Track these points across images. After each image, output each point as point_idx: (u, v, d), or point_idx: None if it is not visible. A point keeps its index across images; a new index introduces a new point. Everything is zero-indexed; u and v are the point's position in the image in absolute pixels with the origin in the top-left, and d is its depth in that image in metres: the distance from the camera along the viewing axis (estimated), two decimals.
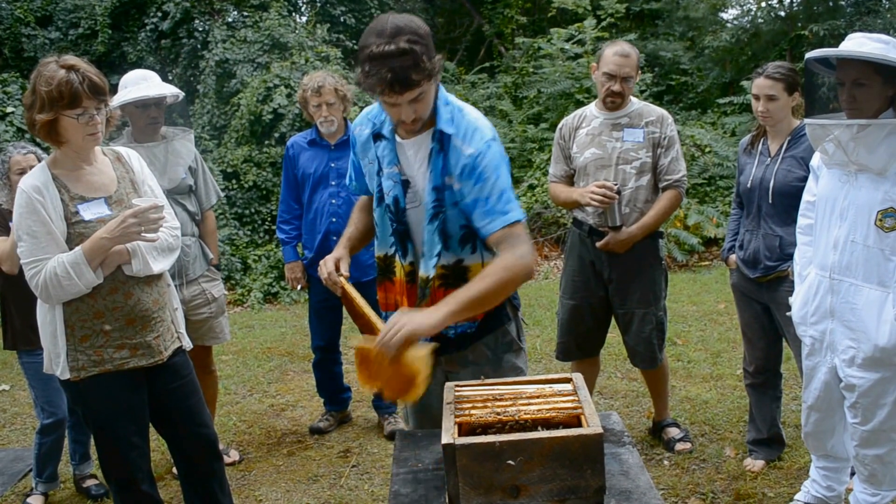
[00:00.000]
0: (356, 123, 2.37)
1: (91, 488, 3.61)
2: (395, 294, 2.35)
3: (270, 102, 8.74)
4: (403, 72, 1.97)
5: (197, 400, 2.72)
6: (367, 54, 1.99)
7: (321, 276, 2.28)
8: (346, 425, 4.27)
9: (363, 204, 2.51)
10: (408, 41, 1.97)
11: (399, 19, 2.03)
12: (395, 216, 2.26)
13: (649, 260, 3.51)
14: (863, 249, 2.51)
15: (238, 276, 7.93)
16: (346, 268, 2.31)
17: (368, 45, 2.00)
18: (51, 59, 2.38)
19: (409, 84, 1.99)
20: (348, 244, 2.41)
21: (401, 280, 2.31)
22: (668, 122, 3.45)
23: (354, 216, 2.51)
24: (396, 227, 2.27)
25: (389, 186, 2.24)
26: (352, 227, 2.47)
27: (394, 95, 2.02)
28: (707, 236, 7.97)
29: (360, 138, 2.35)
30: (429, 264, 2.24)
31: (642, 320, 3.53)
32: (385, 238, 2.33)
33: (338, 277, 2.26)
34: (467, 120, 2.20)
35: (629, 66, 3.36)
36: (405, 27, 1.99)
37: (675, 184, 3.45)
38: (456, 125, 2.18)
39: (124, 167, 2.60)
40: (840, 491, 2.95)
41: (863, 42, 2.42)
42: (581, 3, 10.88)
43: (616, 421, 2.26)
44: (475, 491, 1.69)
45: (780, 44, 10.82)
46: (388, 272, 2.35)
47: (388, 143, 2.24)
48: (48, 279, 2.33)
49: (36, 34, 10.82)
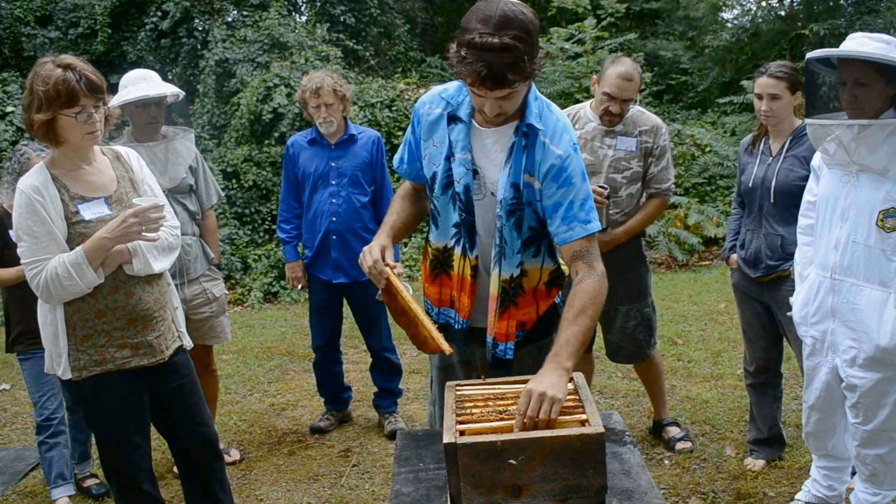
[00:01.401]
0: (425, 101, 2.19)
1: (91, 488, 3.60)
2: (451, 289, 2.24)
3: (270, 102, 8.74)
4: (500, 69, 1.83)
5: (198, 399, 2.71)
6: (467, 40, 1.84)
7: (363, 266, 2.09)
8: (346, 425, 4.27)
9: (407, 192, 2.35)
10: (513, 37, 1.82)
11: (510, 7, 1.85)
12: (464, 205, 2.12)
13: (633, 258, 3.54)
14: (864, 250, 2.51)
15: (238, 276, 7.92)
16: (392, 257, 2.12)
17: (471, 29, 1.85)
18: (47, 59, 2.37)
19: (503, 83, 1.87)
20: (391, 233, 2.21)
21: (460, 275, 2.18)
22: (661, 132, 3.46)
23: (396, 204, 2.33)
24: (465, 218, 2.13)
25: (461, 174, 2.10)
26: (393, 215, 2.29)
27: (483, 89, 1.89)
28: (707, 236, 7.98)
29: (428, 117, 2.17)
30: (512, 263, 2.14)
31: (626, 316, 3.55)
32: (447, 228, 2.18)
33: (384, 267, 2.07)
34: (555, 118, 2.09)
35: (631, 91, 3.34)
36: (514, 20, 1.83)
37: (663, 192, 3.50)
38: (545, 122, 2.07)
39: (123, 166, 2.59)
40: (841, 490, 2.95)
41: (864, 42, 2.42)
42: (581, 3, 10.89)
43: (617, 420, 2.26)
44: (477, 490, 1.69)
45: (780, 43, 10.83)
46: (445, 265, 2.22)
47: (464, 127, 2.10)
48: (49, 279, 2.33)
49: (36, 33, 10.82)
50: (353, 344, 5.44)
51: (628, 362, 3.76)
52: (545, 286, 2.25)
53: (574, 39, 10.10)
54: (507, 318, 2.19)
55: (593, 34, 9.88)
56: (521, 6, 1.89)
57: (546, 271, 2.23)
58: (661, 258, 7.93)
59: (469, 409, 1.87)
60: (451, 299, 2.25)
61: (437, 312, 2.30)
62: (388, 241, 2.17)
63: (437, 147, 2.16)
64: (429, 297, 2.33)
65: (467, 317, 2.23)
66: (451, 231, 2.18)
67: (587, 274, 2.04)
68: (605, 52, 9.68)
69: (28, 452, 4.09)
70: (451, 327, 2.28)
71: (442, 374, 2.42)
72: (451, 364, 2.39)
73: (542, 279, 2.23)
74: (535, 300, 2.24)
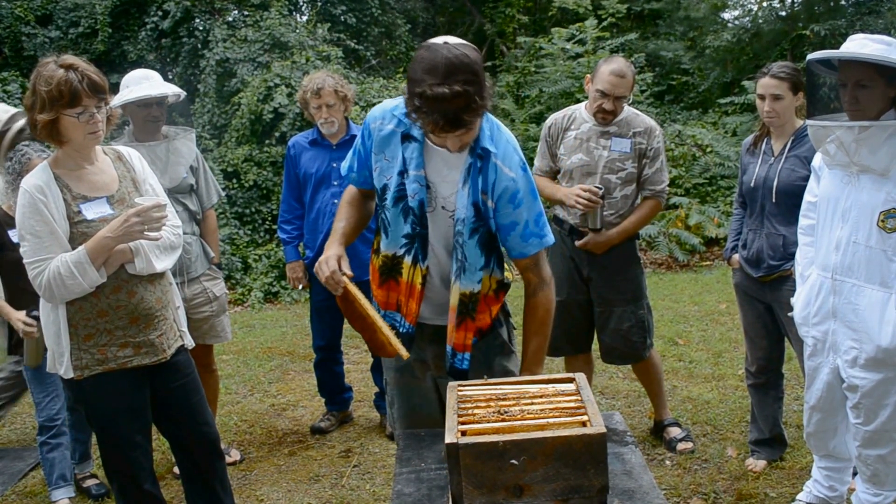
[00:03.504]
0: (377, 116, 2.25)
1: (91, 488, 3.60)
2: (398, 294, 2.32)
3: (271, 102, 8.73)
4: (455, 115, 1.92)
5: (199, 399, 2.72)
6: (419, 92, 1.91)
7: (320, 277, 2.19)
8: (347, 425, 4.27)
9: (353, 197, 2.42)
10: (463, 82, 1.89)
11: (453, 54, 1.92)
12: (417, 219, 2.21)
13: (627, 260, 3.55)
14: (865, 250, 2.51)
15: (238, 276, 7.92)
16: (348, 266, 2.23)
17: (419, 80, 1.92)
18: (50, 59, 2.38)
19: (461, 124, 1.96)
20: (343, 240, 2.31)
21: (409, 282, 2.28)
22: (655, 133, 3.48)
23: (343, 210, 2.40)
24: (418, 231, 2.22)
25: (415, 189, 2.18)
26: (342, 221, 2.37)
27: (443, 134, 2.01)
28: (708, 236, 7.97)
29: (380, 132, 2.23)
30: (473, 279, 2.24)
31: (620, 317, 3.55)
32: (397, 238, 2.26)
33: (341, 277, 2.18)
34: (505, 139, 2.19)
35: (623, 87, 3.36)
36: (460, 65, 1.90)
37: (657, 194, 3.51)
38: (495, 143, 2.16)
39: (125, 166, 2.60)
40: (842, 491, 2.95)
41: (864, 43, 2.42)
42: (582, 3, 10.89)
43: (619, 421, 2.26)
44: (478, 490, 1.69)
45: (781, 44, 10.83)
46: (392, 271, 2.31)
47: (417, 146, 2.18)
48: (52, 279, 2.33)
49: (36, 33, 10.82)
50: (354, 344, 5.44)
51: (623, 363, 3.78)
52: (493, 292, 2.37)
53: (575, 40, 10.10)
54: (465, 329, 2.29)
55: (594, 34, 9.88)
56: (463, 47, 1.96)
57: (494, 280, 2.34)
58: (662, 258, 7.93)
59: (470, 410, 1.88)
60: (397, 303, 2.33)
61: (383, 315, 2.35)
62: (341, 249, 2.27)
63: (388, 161, 2.23)
64: (376, 299, 2.39)
65: (414, 321, 2.32)
66: (401, 241, 2.26)
67: (539, 286, 2.29)
68: (605, 53, 9.68)
69: (28, 452, 4.09)
70: (396, 330, 2.33)
71: (397, 375, 2.49)
72: (406, 364, 2.43)
73: (491, 287, 2.34)
74: (488, 306, 2.36)
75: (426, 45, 1.98)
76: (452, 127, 1.96)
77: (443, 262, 2.29)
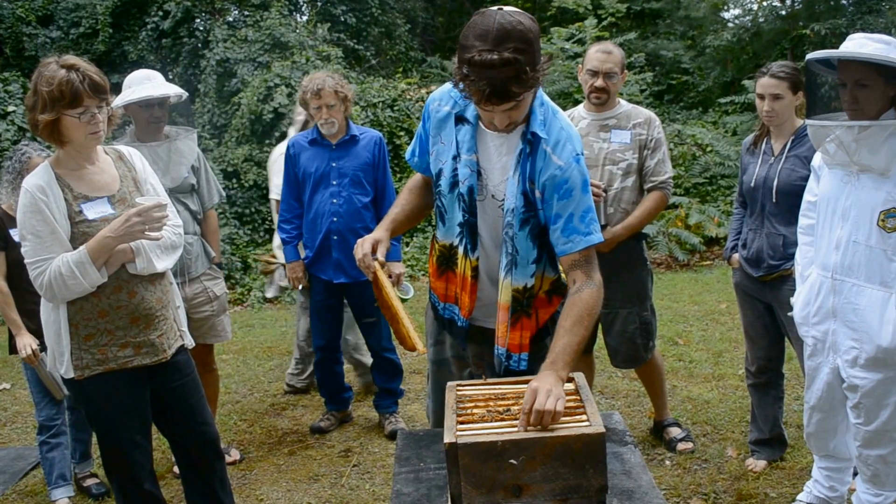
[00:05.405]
0: (435, 97, 2.17)
1: (91, 487, 3.61)
2: (455, 287, 2.23)
3: (271, 102, 8.74)
4: (503, 84, 1.81)
5: (199, 398, 2.72)
6: (467, 58, 1.81)
7: (355, 256, 2.11)
8: (346, 425, 4.27)
9: (416, 184, 2.33)
10: (514, 50, 1.79)
11: (506, 18, 1.82)
12: (468, 206, 2.11)
13: (634, 260, 3.52)
14: (865, 250, 2.51)
15: (238, 276, 7.93)
16: (384, 252, 2.13)
17: (469, 47, 1.82)
18: (51, 60, 2.38)
19: (508, 97, 1.85)
20: (391, 226, 2.22)
21: (463, 275, 2.18)
22: (655, 124, 3.47)
23: (403, 196, 2.31)
24: (468, 219, 2.13)
25: (466, 175, 2.09)
26: (398, 207, 2.28)
27: (490, 105, 1.88)
28: (708, 236, 7.97)
29: (437, 114, 2.16)
30: (525, 272, 2.13)
31: (625, 319, 3.54)
32: (453, 227, 2.17)
33: (372, 261, 2.09)
34: (560, 126, 2.07)
35: (612, 62, 3.36)
36: (512, 31, 1.80)
37: (661, 185, 3.47)
38: (548, 130, 2.04)
39: (126, 166, 2.60)
40: (842, 491, 2.95)
41: (864, 43, 2.42)
42: (581, 3, 10.89)
43: (618, 420, 2.26)
44: (477, 490, 1.69)
45: (781, 43, 10.83)
46: (450, 263, 2.22)
47: (470, 129, 2.09)
48: (53, 279, 2.33)
49: (37, 33, 10.83)
50: None
51: (626, 367, 3.75)
52: (546, 294, 2.24)
53: (574, 39, 10.10)
54: (521, 329, 2.18)
55: (594, 34, 9.88)
56: (519, 14, 1.86)
57: (548, 280, 2.22)
58: (662, 258, 7.93)
59: (470, 410, 1.88)
60: (455, 296, 2.25)
61: (443, 307, 2.30)
62: (385, 234, 2.17)
63: (444, 144, 2.16)
64: (435, 291, 2.32)
65: (468, 315, 2.24)
66: (456, 230, 2.17)
67: (585, 284, 2.04)
68: None
69: (28, 452, 4.09)
70: (454, 323, 2.29)
71: (435, 368, 2.46)
72: (445, 359, 2.40)
73: (543, 287, 2.22)
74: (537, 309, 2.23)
75: (480, 11, 1.89)
76: (499, 99, 1.84)
77: (491, 256, 2.18)
